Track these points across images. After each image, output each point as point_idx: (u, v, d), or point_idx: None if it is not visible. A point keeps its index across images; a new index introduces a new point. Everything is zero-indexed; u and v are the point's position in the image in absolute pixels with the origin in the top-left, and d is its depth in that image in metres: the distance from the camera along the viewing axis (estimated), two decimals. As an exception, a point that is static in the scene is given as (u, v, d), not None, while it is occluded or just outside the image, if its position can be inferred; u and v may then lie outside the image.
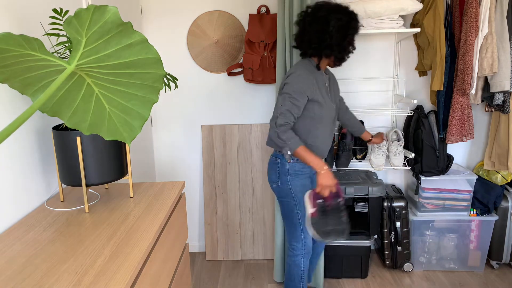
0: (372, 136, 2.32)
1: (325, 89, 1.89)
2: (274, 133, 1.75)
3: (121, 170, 1.34)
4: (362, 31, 2.23)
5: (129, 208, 1.30)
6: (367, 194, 2.39)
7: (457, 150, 2.74)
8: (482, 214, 2.48)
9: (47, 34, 1.17)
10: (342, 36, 1.76)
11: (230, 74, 2.63)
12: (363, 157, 2.61)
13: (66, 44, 1.14)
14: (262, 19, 2.48)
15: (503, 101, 2.24)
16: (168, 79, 1.36)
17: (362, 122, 2.65)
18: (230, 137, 2.71)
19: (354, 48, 1.85)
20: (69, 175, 1.27)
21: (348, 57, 1.86)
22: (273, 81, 2.52)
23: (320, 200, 1.78)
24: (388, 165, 2.66)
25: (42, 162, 1.41)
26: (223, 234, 2.79)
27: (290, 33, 2.19)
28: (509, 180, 2.46)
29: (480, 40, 2.12)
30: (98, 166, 1.27)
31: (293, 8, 2.15)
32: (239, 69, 2.63)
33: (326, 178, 1.74)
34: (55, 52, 1.19)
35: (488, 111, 2.48)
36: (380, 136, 2.33)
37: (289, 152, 1.76)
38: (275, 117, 1.76)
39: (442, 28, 2.21)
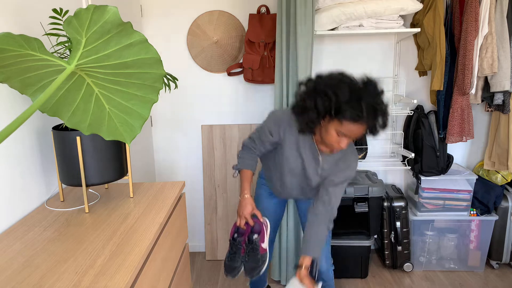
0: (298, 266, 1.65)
1: (303, 150, 1.61)
2: (240, 150, 1.75)
3: (121, 170, 1.34)
4: (362, 31, 2.23)
5: (129, 208, 1.30)
6: (367, 194, 2.39)
7: (457, 150, 2.74)
8: (482, 214, 2.48)
9: (47, 34, 1.17)
10: (303, 107, 1.44)
11: (230, 74, 2.63)
12: (363, 157, 2.61)
13: (66, 44, 1.14)
14: (262, 19, 2.48)
15: (503, 101, 2.24)
16: (168, 79, 1.36)
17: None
18: (230, 137, 2.71)
19: (311, 128, 1.48)
20: (69, 175, 1.27)
21: (304, 133, 1.51)
22: (273, 81, 2.51)
23: (236, 234, 1.69)
24: (387, 164, 2.66)
25: (42, 162, 1.41)
26: (223, 234, 2.79)
27: (288, 33, 2.19)
28: (509, 180, 2.46)
29: (480, 40, 2.12)
30: (98, 166, 1.27)
31: (294, 8, 2.14)
32: (239, 69, 2.63)
33: (241, 206, 1.63)
34: (55, 52, 1.19)
35: (488, 111, 2.48)
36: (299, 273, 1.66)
37: (235, 169, 1.72)
38: (247, 136, 1.75)
39: (442, 28, 2.21)
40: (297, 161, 1.64)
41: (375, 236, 2.74)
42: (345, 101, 1.30)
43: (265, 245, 1.68)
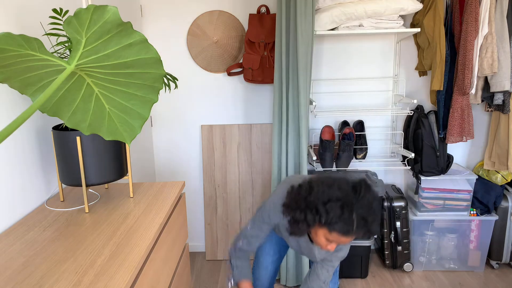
0: None
1: (298, 239, 1.55)
2: (231, 252, 1.58)
3: (121, 170, 1.34)
4: (362, 31, 2.23)
5: (129, 208, 1.30)
6: (367, 194, 2.38)
7: (457, 150, 2.74)
8: (482, 214, 2.48)
9: (47, 34, 1.17)
10: (295, 206, 1.32)
11: (230, 74, 2.63)
12: (363, 157, 2.61)
13: (66, 44, 1.14)
14: (262, 19, 2.48)
15: (503, 101, 2.24)
16: (168, 79, 1.36)
17: (362, 122, 2.64)
18: (230, 137, 2.71)
19: (308, 236, 1.48)
20: (69, 175, 1.27)
21: (299, 234, 1.37)
22: (273, 81, 2.51)
23: None
24: (388, 165, 2.66)
25: (42, 162, 1.41)
26: (223, 234, 2.79)
27: (288, 33, 2.19)
28: (509, 180, 2.46)
29: (480, 40, 2.12)
30: (98, 166, 1.27)
31: (294, 7, 2.14)
32: (239, 69, 2.63)
33: None
34: (55, 52, 1.19)
35: (488, 111, 2.48)
36: None
37: (231, 279, 1.61)
38: (239, 237, 1.55)
39: (442, 28, 2.21)
40: (294, 243, 1.59)
41: (375, 236, 2.74)
42: (337, 216, 1.24)
43: None
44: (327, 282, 1.60)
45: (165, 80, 2.02)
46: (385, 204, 2.49)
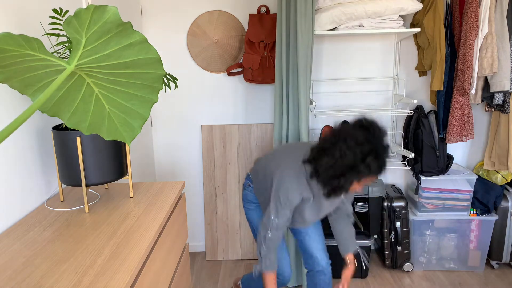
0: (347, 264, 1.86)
1: (312, 200, 1.62)
2: (260, 243, 1.60)
3: (121, 170, 1.34)
4: (362, 31, 2.23)
5: (129, 208, 1.30)
6: (367, 194, 2.39)
7: (457, 150, 2.74)
8: (482, 214, 2.48)
9: (47, 34, 1.17)
10: (330, 175, 1.41)
11: (230, 74, 2.63)
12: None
13: (66, 44, 1.14)
14: (262, 19, 2.48)
15: (503, 101, 2.24)
16: (168, 79, 1.36)
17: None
18: (230, 137, 2.71)
19: (346, 191, 1.46)
20: (69, 175, 1.27)
21: (338, 195, 1.47)
22: (273, 81, 2.52)
23: None
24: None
25: (42, 162, 1.41)
26: (223, 234, 2.79)
27: (288, 33, 2.19)
28: (509, 180, 2.46)
29: (480, 40, 2.12)
30: (98, 166, 1.27)
31: (294, 7, 2.14)
32: (239, 69, 2.63)
33: None
34: (55, 52, 1.19)
35: (488, 111, 2.48)
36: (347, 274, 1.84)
37: (258, 269, 1.65)
38: (266, 228, 1.57)
39: (442, 28, 2.21)
40: (313, 209, 1.66)
41: (375, 236, 2.74)
42: (376, 166, 1.37)
43: None
44: (348, 204, 1.81)
45: (165, 80, 2.02)
46: (385, 204, 2.49)
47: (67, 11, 1.15)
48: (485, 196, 2.48)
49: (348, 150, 1.36)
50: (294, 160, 1.58)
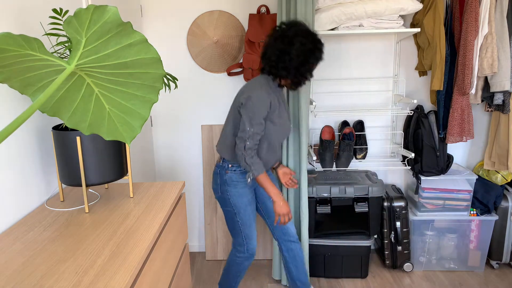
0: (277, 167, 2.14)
1: (284, 106, 1.89)
2: (241, 156, 1.76)
3: (121, 170, 1.34)
4: (362, 31, 2.23)
5: (129, 208, 1.30)
6: (367, 194, 2.39)
7: (457, 150, 2.74)
8: (482, 214, 2.48)
9: (47, 34, 1.17)
10: (301, 61, 1.72)
11: (230, 74, 2.63)
12: (363, 157, 2.61)
13: (66, 44, 1.14)
14: (262, 19, 2.48)
15: (503, 101, 2.24)
16: (168, 79, 1.36)
17: (362, 122, 2.65)
18: (230, 137, 2.71)
19: (311, 76, 1.80)
20: (69, 175, 1.27)
21: (304, 83, 1.82)
22: (273, 81, 2.52)
23: None
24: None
25: (42, 162, 1.41)
26: (223, 234, 2.79)
27: None
28: (509, 180, 2.46)
29: (480, 40, 2.12)
30: (98, 166, 1.27)
31: (295, 8, 2.14)
32: (239, 69, 2.63)
33: (282, 207, 1.84)
34: (55, 52, 1.19)
35: (488, 111, 2.48)
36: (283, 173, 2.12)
37: (251, 177, 1.82)
38: (243, 139, 1.74)
39: (442, 28, 2.21)
40: (284, 113, 1.88)
41: (375, 236, 2.74)
42: (320, 51, 1.79)
43: None
44: None
45: (165, 80, 2.02)
46: (385, 204, 2.49)
47: (67, 11, 1.15)
48: (485, 196, 2.48)
49: (306, 41, 1.70)
50: (252, 85, 1.79)
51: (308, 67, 1.75)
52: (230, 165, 1.88)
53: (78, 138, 1.22)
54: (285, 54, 1.71)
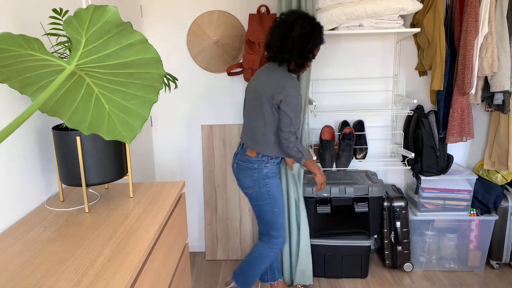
0: None
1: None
2: (293, 147, 1.86)
3: (121, 170, 1.34)
4: (362, 31, 2.23)
5: (129, 208, 1.30)
6: (367, 194, 2.39)
7: (457, 150, 2.74)
8: (482, 214, 2.48)
9: (47, 34, 1.17)
10: (303, 43, 1.80)
11: (230, 74, 2.63)
12: (363, 157, 2.61)
13: (66, 44, 1.14)
14: (262, 19, 2.48)
15: (503, 101, 2.24)
16: (168, 79, 1.36)
17: (362, 122, 2.65)
18: (230, 137, 2.71)
19: (313, 57, 1.88)
20: (69, 175, 1.27)
21: (308, 65, 1.89)
22: (273, 81, 2.52)
23: None
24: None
25: (42, 162, 1.41)
26: (223, 234, 2.79)
27: None
28: (509, 180, 2.46)
29: (480, 40, 2.12)
30: (98, 166, 1.27)
31: (297, 8, 2.14)
32: (239, 69, 2.63)
33: (324, 179, 2.04)
34: (55, 52, 1.19)
35: (488, 111, 2.48)
36: None
37: (302, 162, 1.93)
38: (292, 132, 1.84)
39: (442, 28, 2.21)
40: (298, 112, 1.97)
41: (375, 236, 2.74)
42: (322, 31, 1.86)
43: None
44: None
45: (165, 80, 2.02)
46: (385, 204, 2.49)
47: (67, 11, 1.15)
48: (485, 196, 2.48)
49: (306, 24, 1.78)
50: (282, 78, 1.85)
51: (309, 48, 1.82)
52: (270, 158, 1.93)
53: (78, 138, 1.22)
54: (287, 38, 1.79)
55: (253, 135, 1.93)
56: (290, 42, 1.79)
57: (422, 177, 2.45)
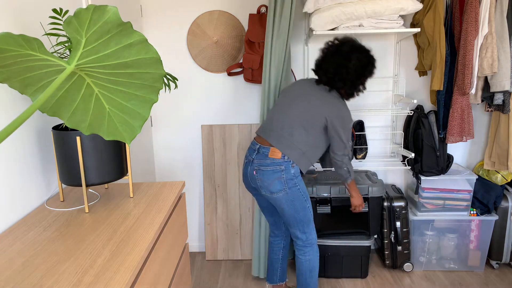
0: None
1: None
2: (345, 167, 1.99)
3: (121, 170, 1.34)
4: (362, 31, 2.23)
5: (129, 208, 1.30)
6: (367, 194, 2.39)
7: (457, 150, 2.74)
8: (482, 214, 2.48)
9: (47, 34, 1.17)
10: (357, 75, 1.88)
11: (230, 74, 2.63)
12: (363, 157, 2.61)
13: (66, 44, 1.14)
14: (262, 19, 2.48)
15: (503, 101, 2.24)
16: (168, 79, 1.36)
17: (362, 122, 2.65)
18: (230, 137, 2.71)
19: (364, 89, 1.97)
20: (69, 175, 1.27)
21: (358, 95, 1.99)
22: (273, 81, 2.52)
23: None
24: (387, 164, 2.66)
25: (42, 162, 1.41)
26: (223, 234, 2.79)
27: (273, 33, 2.23)
28: (509, 180, 2.46)
29: (480, 40, 2.12)
30: (98, 166, 1.27)
31: (281, 8, 2.16)
32: (239, 69, 2.63)
33: (360, 200, 2.14)
34: (55, 52, 1.19)
35: (488, 111, 2.48)
36: None
37: (348, 182, 2.06)
38: (345, 154, 1.96)
39: (442, 28, 2.21)
40: None
41: (375, 236, 2.74)
42: (375, 64, 1.96)
43: None
44: None
45: (165, 80, 2.02)
46: (385, 204, 2.49)
47: (67, 11, 1.15)
48: (485, 196, 2.48)
49: (362, 57, 1.87)
50: (336, 102, 1.93)
51: (362, 80, 1.92)
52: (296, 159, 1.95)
53: (78, 138, 1.22)
54: (343, 67, 1.86)
55: (287, 140, 1.92)
56: (345, 73, 1.86)
57: (422, 177, 2.45)
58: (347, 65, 1.86)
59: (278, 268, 2.29)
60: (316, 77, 2.00)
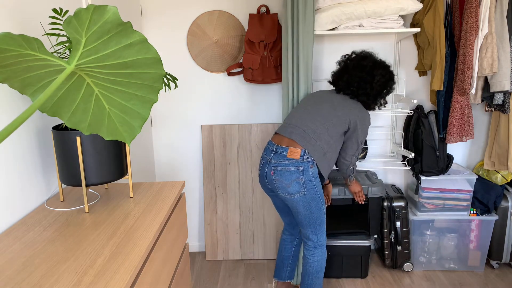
0: None
1: None
2: (351, 166, 2.06)
3: (121, 170, 1.34)
4: (362, 31, 2.23)
5: (129, 208, 1.30)
6: (367, 194, 2.39)
7: (457, 150, 2.74)
8: (482, 214, 2.48)
9: (47, 34, 1.17)
10: (380, 91, 1.99)
11: (230, 74, 2.63)
12: (363, 157, 2.61)
13: (66, 44, 1.14)
14: (262, 19, 2.48)
15: (503, 101, 2.24)
16: (168, 79, 1.36)
17: None
18: (230, 137, 2.71)
19: (386, 103, 2.07)
20: (69, 175, 1.27)
21: (380, 108, 2.08)
22: (273, 81, 2.52)
23: None
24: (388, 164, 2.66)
25: (42, 162, 1.41)
26: (223, 234, 2.79)
27: (293, 32, 2.20)
28: (509, 180, 2.46)
29: (480, 40, 2.12)
30: (98, 166, 1.27)
31: (297, 7, 2.15)
32: (239, 69, 2.63)
33: (358, 186, 2.25)
34: (55, 52, 1.19)
35: (488, 111, 2.48)
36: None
37: (351, 179, 2.17)
38: (356, 155, 2.03)
39: (442, 28, 2.21)
40: None
41: (375, 236, 2.74)
42: (395, 80, 2.06)
43: None
44: None
45: (165, 80, 2.02)
46: (385, 204, 2.49)
47: (67, 11, 1.15)
48: (485, 196, 2.48)
49: (385, 73, 1.96)
50: (359, 109, 1.99)
51: (383, 95, 2.03)
52: (313, 159, 1.90)
53: (78, 138, 1.22)
54: (366, 83, 1.95)
55: (310, 138, 1.90)
56: (370, 88, 1.95)
57: (422, 177, 2.45)
58: (371, 81, 1.94)
59: (288, 266, 2.30)
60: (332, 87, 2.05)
